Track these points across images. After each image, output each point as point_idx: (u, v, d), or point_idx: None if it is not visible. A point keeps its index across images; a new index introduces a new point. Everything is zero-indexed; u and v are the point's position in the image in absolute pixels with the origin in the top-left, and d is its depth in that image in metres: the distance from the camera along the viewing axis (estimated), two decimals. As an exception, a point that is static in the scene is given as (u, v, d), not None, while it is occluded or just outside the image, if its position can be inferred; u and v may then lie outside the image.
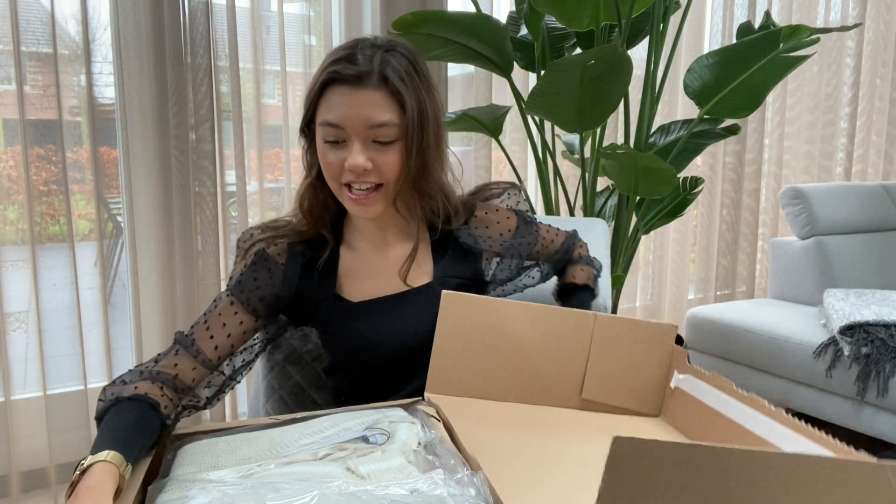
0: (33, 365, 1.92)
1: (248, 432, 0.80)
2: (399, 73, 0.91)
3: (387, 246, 1.04)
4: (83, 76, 1.88)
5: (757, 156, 3.36)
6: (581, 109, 1.71)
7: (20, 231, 1.90)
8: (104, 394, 0.85)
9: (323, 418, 0.82)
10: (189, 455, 0.76)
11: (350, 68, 0.90)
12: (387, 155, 0.92)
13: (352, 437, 0.77)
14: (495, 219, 1.11)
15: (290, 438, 0.77)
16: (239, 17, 2.02)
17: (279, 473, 0.69)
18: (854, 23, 3.52)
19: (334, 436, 0.77)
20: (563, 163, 2.40)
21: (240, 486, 0.64)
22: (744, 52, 1.77)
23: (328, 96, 0.92)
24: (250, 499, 0.61)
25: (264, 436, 0.78)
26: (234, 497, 0.61)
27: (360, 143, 0.91)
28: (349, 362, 1.02)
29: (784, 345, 2.40)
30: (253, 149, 2.13)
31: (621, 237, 1.99)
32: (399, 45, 0.95)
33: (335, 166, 0.93)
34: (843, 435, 2.50)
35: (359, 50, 0.92)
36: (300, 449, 0.75)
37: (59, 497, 1.94)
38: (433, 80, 0.98)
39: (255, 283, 0.98)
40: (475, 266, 1.06)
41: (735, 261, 3.44)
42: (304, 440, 0.76)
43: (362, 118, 0.90)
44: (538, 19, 1.91)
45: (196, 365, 0.92)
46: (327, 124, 0.91)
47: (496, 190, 1.17)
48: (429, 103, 0.94)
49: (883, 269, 2.81)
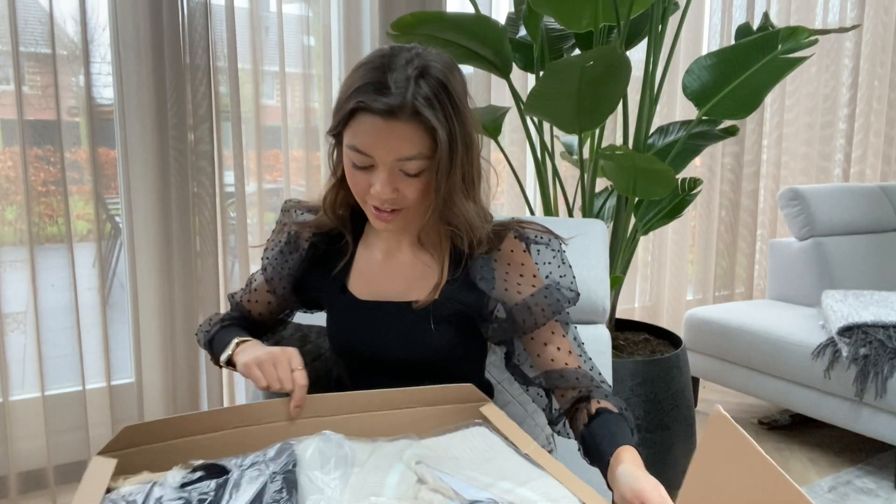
0: (31, 365, 1.92)
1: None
2: (431, 103, 0.87)
3: (401, 251, 1.04)
4: (82, 76, 1.88)
5: (755, 157, 3.36)
6: (580, 110, 1.71)
7: (18, 231, 1.90)
8: (204, 332, 1.11)
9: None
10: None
11: (380, 101, 0.85)
12: (412, 184, 0.91)
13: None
14: (521, 261, 1.00)
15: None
16: (238, 17, 2.02)
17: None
18: (852, 24, 3.53)
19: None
20: (561, 164, 2.40)
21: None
22: (742, 53, 1.78)
23: (357, 122, 0.88)
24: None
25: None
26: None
27: (386, 174, 0.89)
28: (341, 353, 1.07)
29: (782, 346, 2.40)
30: (252, 149, 2.13)
31: (620, 238, 1.99)
32: (433, 65, 0.89)
33: (360, 186, 0.93)
34: (842, 436, 2.50)
35: (392, 75, 0.87)
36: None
37: (57, 498, 1.94)
38: (468, 93, 0.94)
39: (283, 265, 1.09)
40: (481, 301, 1.01)
41: (733, 262, 3.44)
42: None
43: (391, 150, 0.88)
44: (537, 20, 1.91)
45: (251, 321, 1.15)
46: (355, 150, 0.90)
47: (531, 232, 1.01)
48: (460, 131, 0.90)
49: (881, 270, 2.82)
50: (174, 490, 0.69)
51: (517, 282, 0.99)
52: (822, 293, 2.56)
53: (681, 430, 1.91)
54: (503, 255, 1.00)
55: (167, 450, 0.82)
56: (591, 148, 2.06)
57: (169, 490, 0.69)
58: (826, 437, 2.52)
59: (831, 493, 2.12)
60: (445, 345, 1.00)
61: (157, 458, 0.81)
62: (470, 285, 1.00)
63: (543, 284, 0.98)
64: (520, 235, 1.00)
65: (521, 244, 1.00)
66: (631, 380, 1.84)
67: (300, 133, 2.23)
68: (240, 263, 2.14)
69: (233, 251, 2.13)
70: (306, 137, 2.23)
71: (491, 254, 1.00)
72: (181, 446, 0.83)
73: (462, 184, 0.93)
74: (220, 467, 0.75)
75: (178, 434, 0.84)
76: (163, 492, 0.68)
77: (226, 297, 1.22)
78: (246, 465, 0.74)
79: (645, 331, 2.18)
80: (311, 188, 2.25)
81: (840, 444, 2.46)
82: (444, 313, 1.00)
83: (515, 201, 2.69)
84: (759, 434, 2.56)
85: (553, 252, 1.00)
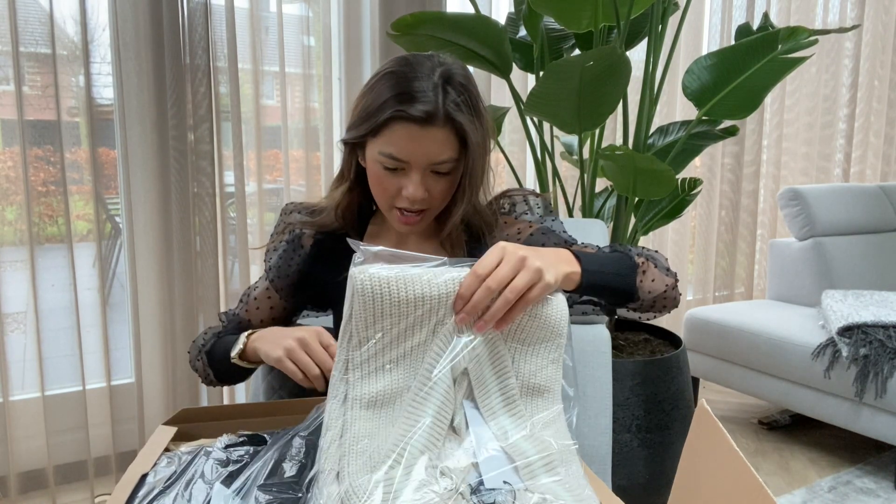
0: (31, 366, 1.92)
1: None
2: (461, 109, 0.92)
3: (408, 246, 1.07)
4: (82, 77, 1.88)
5: (755, 157, 3.36)
6: (580, 110, 1.71)
7: (18, 232, 1.90)
8: (197, 349, 1.09)
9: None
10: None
11: (417, 109, 0.90)
12: (441, 183, 0.96)
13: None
14: (516, 227, 1.08)
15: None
16: (238, 17, 2.02)
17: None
18: (852, 24, 3.53)
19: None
20: (561, 164, 2.40)
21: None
22: (742, 53, 1.78)
23: (392, 130, 0.92)
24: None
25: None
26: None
27: (419, 175, 0.94)
28: None
29: (782, 346, 2.40)
30: (252, 149, 2.13)
31: (620, 238, 1.99)
32: (456, 71, 0.95)
33: (390, 191, 0.96)
34: (842, 436, 2.50)
35: (420, 83, 0.91)
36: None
37: (57, 498, 1.94)
38: (481, 95, 1.00)
39: (288, 266, 1.09)
40: None
41: (733, 262, 3.44)
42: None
43: (427, 155, 0.93)
44: (537, 20, 1.91)
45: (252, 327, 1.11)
46: (391, 157, 0.93)
47: (517, 197, 1.11)
48: (483, 134, 0.96)
49: (881, 271, 2.82)
50: (219, 451, 0.80)
51: (516, 238, 1.07)
52: (822, 293, 2.56)
53: (681, 430, 1.91)
54: (500, 229, 1.08)
55: (222, 427, 0.88)
56: (591, 148, 2.06)
57: (215, 451, 0.80)
58: (826, 437, 2.52)
59: (831, 493, 2.12)
60: None
61: (212, 433, 0.88)
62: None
63: (538, 227, 1.07)
64: (505, 211, 1.10)
65: (510, 216, 1.10)
66: (631, 380, 1.84)
67: (300, 133, 2.23)
68: (240, 263, 2.14)
69: (233, 251, 2.13)
70: (306, 137, 2.23)
71: (492, 233, 1.07)
72: (234, 425, 0.89)
73: (483, 178, 1.01)
74: (261, 437, 0.85)
75: (231, 416, 0.90)
76: (211, 451, 0.80)
77: (226, 297, 1.22)
78: (282, 434, 0.82)
79: (645, 331, 2.18)
80: (311, 188, 2.25)
81: (840, 444, 2.46)
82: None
83: (515, 201, 2.69)
84: (759, 434, 2.56)
85: (536, 206, 1.10)
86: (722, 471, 0.61)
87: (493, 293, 0.73)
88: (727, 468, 0.60)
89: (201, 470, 0.76)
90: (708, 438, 0.63)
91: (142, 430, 2.04)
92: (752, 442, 2.49)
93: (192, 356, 1.12)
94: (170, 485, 0.74)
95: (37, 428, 1.92)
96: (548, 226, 1.07)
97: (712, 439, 0.63)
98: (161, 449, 0.83)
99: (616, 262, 0.92)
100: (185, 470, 0.77)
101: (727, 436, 0.61)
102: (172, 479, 0.75)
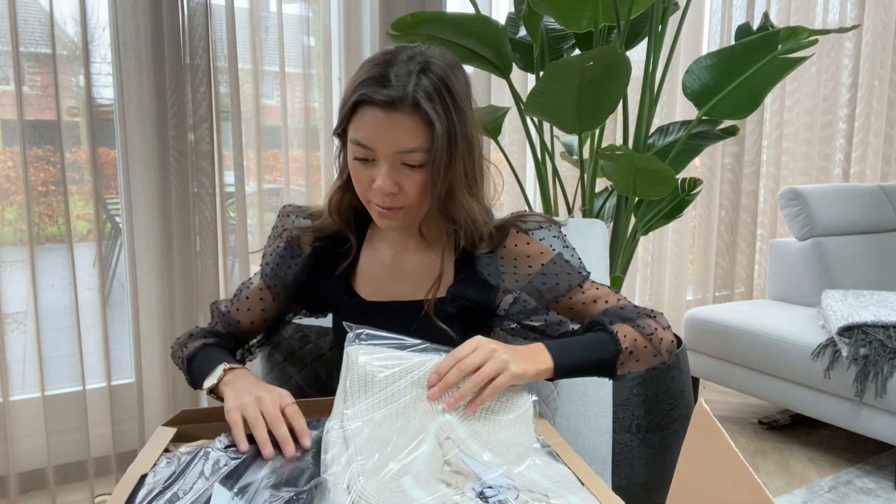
0: (31, 365, 1.92)
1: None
2: (431, 97, 0.89)
3: (407, 252, 1.05)
4: (82, 77, 1.88)
5: (755, 157, 3.36)
6: (580, 110, 1.71)
7: (18, 232, 1.90)
8: (181, 347, 1.06)
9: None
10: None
11: (381, 92, 0.88)
12: (414, 177, 0.92)
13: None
14: (526, 252, 1.04)
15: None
16: (238, 17, 2.02)
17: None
18: (852, 24, 3.53)
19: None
20: (561, 164, 2.40)
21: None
22: (742, 53, 1.77)
23: (360, 115, 0.90)
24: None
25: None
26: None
27: (388, 166, 0.91)
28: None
29: (782, 346, 2.40)
30: (252, 149, 2.13)
31: (620, 238, 1.99)
32: (435, 62, 0.92)
33: (364, 182, 0.94)
34: (842, 436, 2.50)
35: (394, 69, 0.89)
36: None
37: (57, 498, 1.94)
38: (471, 93, 0.96)
39: (285, 270, 1.07)
40: (489, 296, 1.02)
41: (733, 262, 3.44)
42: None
43: (392, 142, 0.89)
44: (537, 20, 1.91)
45: (237, 333, 1.11)
46: (357, 143, 0.91)
47: (531, 224, 1.06)
48: (459, 127, 0.91)
49: (881, 270, 2.82)
50: (219, 451, 0.82)
51: (527, 265, 1.03)
52: (821, 293, 2.56)
53: (681, 430, 1.91)
54: (508, 252, 1.03)
55: (222, 428, 0.88)
56: (591, 148, 2.06)
57: (215, 451, 0.82)
58: (826, 437, 2.52)
59: (831, 493, 2.12)
60: (454, 343, 1.00)
61: (212, 434, 0.89)
62: (478, 283, 1.02)
63: (552, 257, 1.03)
64: (520, 229, 1.04)
65: (524, 236, 1.04)
66: (631, 380, 1.84)
67: (300, 133, 2.23)
68: (240, 263, 2.14)
69: (233, 251, 2.13)
70: (306, 137, 2.23)
71: (496, 252, 1.03)
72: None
73: (465, 180, 0.95)
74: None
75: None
76: (210, 450, 0.82)
77: (225, 297, 1.21)
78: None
79: (645, 331, 2.18)
80: (311, 188, 2.25)
81: (840, 444, 2.46)
82: (452, 311, 1.00)
83: (515, 201, 2.69)
84: (759, 434, 2.56)
85: (555, 236, 1.05)
86: (720, 471, 0.61)
87: (463, 374, 0.85)
88: (725, 468, 0.60)
89: (201, 470, 0.77)
90: (706, 438, 0.64)
91: (142, 431, 2.04)
92: (751, 442, 2.49)
93: (174, 355, 1.09)
94: (169, 485, 0.75)
95: (37, 428, 1.92)
96: (566, 257, 1.04)
97: (710, 439, 0.63)
98: (161, 449, 0.84)
99: (597, 349, 0.96)
100: (184, 470, 0.77)
101: (725, 436, 0.61)
102: (172, 479, 0.76)
